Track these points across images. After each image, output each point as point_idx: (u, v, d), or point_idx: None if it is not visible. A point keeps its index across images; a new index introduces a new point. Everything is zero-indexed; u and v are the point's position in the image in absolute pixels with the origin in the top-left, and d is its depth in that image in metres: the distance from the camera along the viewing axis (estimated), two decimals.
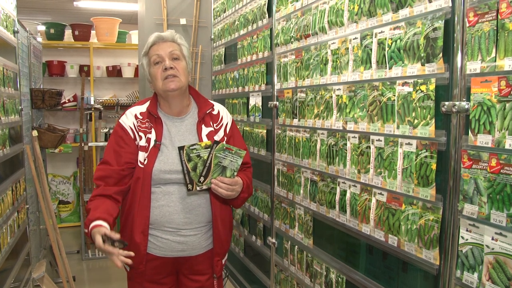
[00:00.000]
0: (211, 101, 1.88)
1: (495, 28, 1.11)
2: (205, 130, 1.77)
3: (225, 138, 1.81)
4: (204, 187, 1.64)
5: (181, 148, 1.61)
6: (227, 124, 1.85)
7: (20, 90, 2.95)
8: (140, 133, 1.72)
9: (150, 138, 1.71)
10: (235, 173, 1.66)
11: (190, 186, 1.63)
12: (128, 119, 1.74)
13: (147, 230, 1.69)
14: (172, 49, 1.71)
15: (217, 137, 1.78)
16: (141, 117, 1.74)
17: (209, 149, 1.62)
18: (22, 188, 2.91)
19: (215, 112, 1.85)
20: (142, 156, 1.70)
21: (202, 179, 1.63)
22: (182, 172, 1.62)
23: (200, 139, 1.74)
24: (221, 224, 1.78)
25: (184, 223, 1.70)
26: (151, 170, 1.66)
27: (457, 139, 1.23)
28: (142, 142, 1.71)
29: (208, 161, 1.62)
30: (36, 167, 3.21)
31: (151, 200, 1.68)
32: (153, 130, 1.72)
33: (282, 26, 2.29)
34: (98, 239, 1.46)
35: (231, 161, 1.63)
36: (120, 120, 1.76)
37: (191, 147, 1.60)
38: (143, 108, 1.77)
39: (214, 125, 1.81)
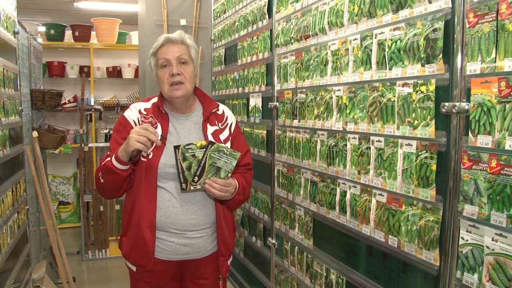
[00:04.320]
0: (216, 102, 1.88)
1: (495, 29, 1.11)
2: (210, 129, 1.77)
3: (230, 137, 1.81)
4: (198, 187, 1.64)
5: (176, 148, 1.61)
6: (231, 124, 1.85)
7: (20, 91, 2.95)
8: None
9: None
10: (229, 175, 1.66)
11: (184, 185, 1.64)
12: (132, 113, 1.75)
13: (154, 226, 1.68)
14: (180, 53, 1.69)
15: (222, 136, 1.78)
16: (145, 113, 1.75)
17: (204, 149, 1.62)
18: (22, 189, 2.91)
19: (219, 112, 1.85)
20: None
21: (196, 178, 1.63)
22: (177, 171, 1.63)
23: (206, 138, 1.74)
24: (225, 224, 1.77)
25: (189, 224, 1.69)
26: (157, 164, 1.66)
27: (457, 140, 1.23)
28: None
29: (203, 161, 1.63)
30: (36, 168, 3.21)
31: (157, 198, 1.68)
32: (158, 125, 1.72)
33: (282, 27, 2.29)
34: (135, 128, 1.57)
35: (226, 162, 1.64)
36: (124, 114, 1.76)
37: (186, 147, 1.61)
38: (148, 104, 1.78)
39: (219, 124, 1.81)
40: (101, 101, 4.90)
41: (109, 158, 1.62)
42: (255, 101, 2.69)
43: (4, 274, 2.39)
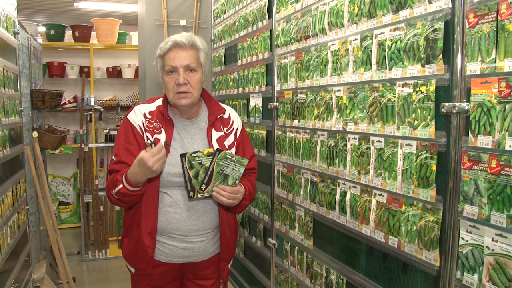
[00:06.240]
0: (222, 105, 1.82)
1: (495, 29, 1.11)
2: (215, 135, 1.72)
3: (235, 143, 1.77)
4: (206, 194, 1.62)
5: (183, 155, 1.58)
6: (237, 129, 1.80)
7: (20, 91, 2.95)
8: (147, 134, 1.66)
9: (158, 139, 1.66)
10: (237, 181, 1.64)
11: (191, 194, 1.61)
12: (137, 117, 1.69)
13: (155, 233, 1.66)
14: (188, 62, 1.61)
15: (227, 142, 1.74)
16: (149, 117, 1.69)
17: (211, 157, 1.59)
18: (22, 189, 2.91)
19: (225, 116, 1.79)
20: None
21: (203, 186, 1.61)
22: (184, 179, 1.60)
23: (210, 144, 1.70)
24: (228, 229, 1.75)
25: (191, 230, 1.67)
26: (160, 172, 1.61)
27: (457, 140, 1.23)
28: None
29: (210, 169, 1.60)
30: (36, 168, 3.21)
31: (158, 204, 1.66)
32: (163, 131, 1.67)
33: (282, 27, 2.29)
34: (142, 153, 1.47)
35: (233, 169, 1.61)
36: (128, 117, 1.70)
37: (193, 155, 1.58)
38: (153, 107, 1.72)
39: (225, 129, 1.76)
40: (101, 102, 4.90)
41: (121, 185, 1.56)
42: (255, 102, 2.69)
43: (4, 274, 2.39)
